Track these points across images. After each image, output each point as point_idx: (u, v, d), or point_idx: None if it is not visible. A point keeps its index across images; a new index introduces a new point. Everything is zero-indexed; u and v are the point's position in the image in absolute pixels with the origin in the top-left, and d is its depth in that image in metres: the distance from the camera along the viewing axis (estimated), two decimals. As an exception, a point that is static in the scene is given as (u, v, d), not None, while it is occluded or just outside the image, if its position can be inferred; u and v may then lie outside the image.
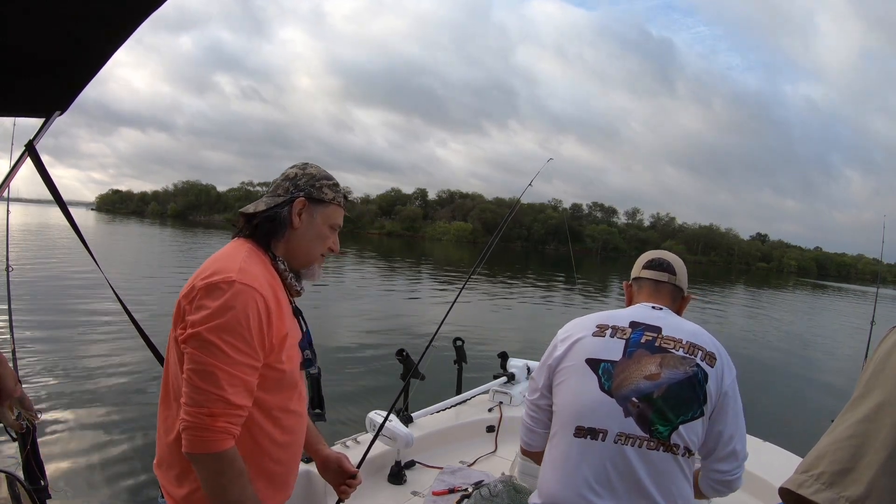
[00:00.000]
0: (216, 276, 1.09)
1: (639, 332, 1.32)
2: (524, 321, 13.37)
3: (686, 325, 1.36)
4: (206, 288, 1.08)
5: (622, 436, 1.23)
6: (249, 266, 1.14)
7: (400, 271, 24.61)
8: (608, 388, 1.26)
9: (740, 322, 17.69)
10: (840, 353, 13.18)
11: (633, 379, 1.25)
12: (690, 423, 1.25)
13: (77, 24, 1.21)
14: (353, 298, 14.19)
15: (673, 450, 1.24)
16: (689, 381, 1.25)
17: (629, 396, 1.24)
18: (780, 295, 35.75)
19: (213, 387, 1.04)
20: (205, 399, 1.04)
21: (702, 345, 1.31)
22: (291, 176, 1.27)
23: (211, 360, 1.04)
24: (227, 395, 1.05)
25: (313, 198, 1.26)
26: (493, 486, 1.87)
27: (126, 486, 3.83)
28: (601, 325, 1.35)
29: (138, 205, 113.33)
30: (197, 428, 1.04)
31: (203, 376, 1.04)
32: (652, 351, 1.28)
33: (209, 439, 1.04)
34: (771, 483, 2.35)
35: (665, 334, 1.31)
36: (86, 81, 1.47)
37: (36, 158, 1.64)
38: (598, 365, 1.29)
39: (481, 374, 3.43)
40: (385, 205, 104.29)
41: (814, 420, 6.84)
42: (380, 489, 2.26)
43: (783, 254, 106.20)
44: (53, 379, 5.89)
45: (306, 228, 1.25)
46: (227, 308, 1.06)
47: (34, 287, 11.18)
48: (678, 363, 1.26)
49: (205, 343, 1.04)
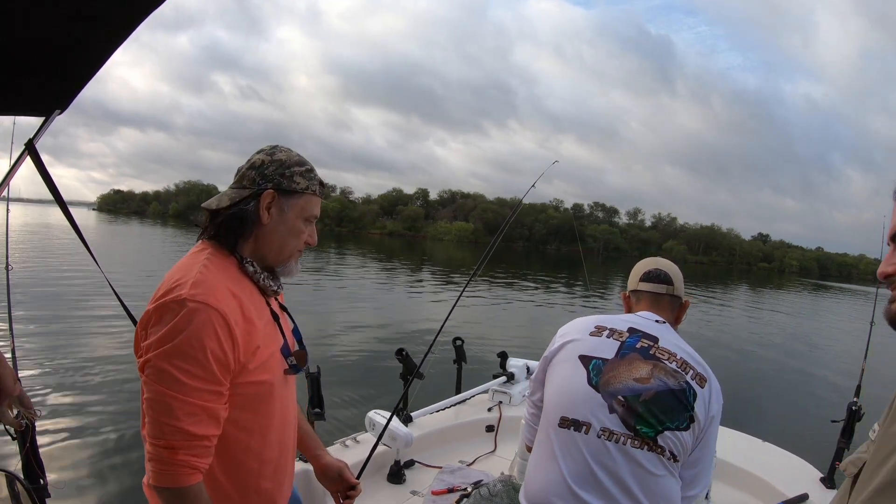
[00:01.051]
0: (167, 295, 0.98)
1: (636, 337, 1.34)
2: (524, 321, 13.37)
3: (683, 344, 1.37)
4: (157, 308, 0.98)
5: (605, 431, 1.23)
6: (206, 277, 1.01)
7: (400, 271, 24.60)
8: (595, 382, 1.28)
9: (741, 322, 17.68)
10: (840, 352, 13.17)
11: (621, 378, 1.27)
12: (677, 431, 1.24)
13: (77, 24, 1.21)
14: (353, 298, 14.19)
15: (659, 451, 1.23)
16: (677, 393, 1.25)
17: (615, 394, 1.25)
18: (781, 295, 35.73)
19: (170, 418, 0.96)
20: (161, 431, 0.96)
21: (694, 365, 1.31)
22: (257, 164, 1.11)
23: (164, 390, 0.95)
24: (185, 426, 0.96)
25: (283, 189, 1.10)
26: (492, 486, 1.87)
27: (126, 486, 3.83)
28: (599, 326, 1.38)
29: (139, 205, 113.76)
30: (158, 461, 0.97)
31: (158, 407, 0.96)
32: (645, 357, 1.29)
33: (171, 473, 0.97)
34: (771, 483, 2.35)
35: (661, 345, 1.32)
36: (86, 80, 1.47)
37: (36, 158, 1.64)
38: (590, 361, 1.32)
39: (481, 373, 3.44)
40: (386, 205, 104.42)
41: (814, 420, 6.84)
42: (379, 488, 2.26)
43: (784, 254, 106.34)
44: (53, 379, 5.89)
45: (277, 224, 1.11)
46: (178, 331, 0.95)
47: (34, 286, 11.20)
48: (669, 374, 1.27)
49: (157, 371, 0.96)
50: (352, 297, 14.54)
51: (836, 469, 2.41)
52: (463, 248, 67.70)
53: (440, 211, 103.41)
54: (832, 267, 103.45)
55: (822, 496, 2.29)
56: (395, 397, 2.52)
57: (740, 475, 2.44)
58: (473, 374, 3.32)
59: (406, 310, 13.30)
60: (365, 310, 12.21)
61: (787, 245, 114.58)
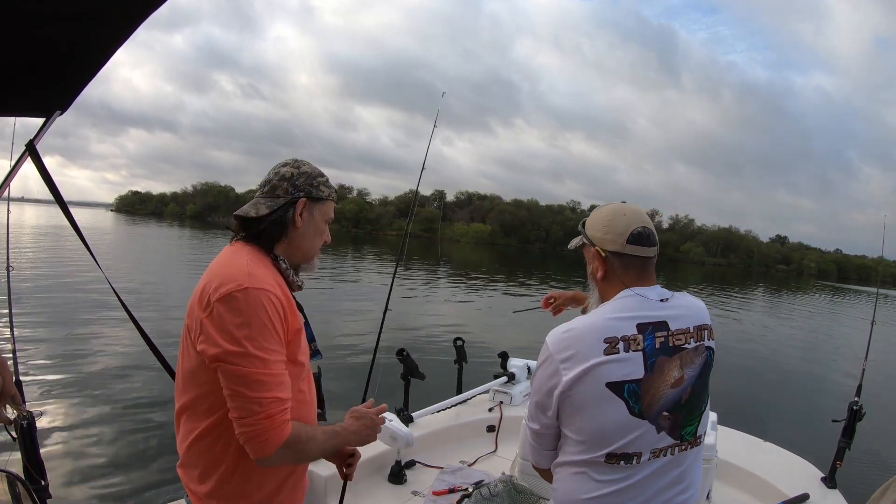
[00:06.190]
0: (227, 285, 1.11)
1: (650, 336, 1.20)
2: (524, 320, 13.35)
3: (684, 306, 1.27)
4: (222, 300, 1.10)
5: (656, 451, 1.19)
6: (255, 269, 1.17)
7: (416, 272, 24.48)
8: (639, 410, 1.17)
9: (751, 324, 17.59)
10: (846, 354, 13.15)
11: (661, 394, 1.18)
12: (706, 409, 1.25)
13: (77, 25, 1.21)
14: (353, 299, 14.19)
15: (699, 442, 1.24)
16: (704, 370, 1.24)
17: (660, 412, 1.18)
18: (797, 298, 35.53)
19: (265, 391, 1.09)
20: (259, 406, 1.09)
21: (703, 322, 1.27)
22: (288, 176, 1.28)
23: (253, 371, 1.08)
24: (277, 394, 1.11)
25: (312, 196, 1.29)
26: (493, 486, 1.87)
27: (126, 487, 3.84)
28: (609, 340, 1.18)
29: (157, 206, 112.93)
30: (260, 434, 1.09)
31: (252, 386, 1.08)
32: (670, 354, 1.20)
33: (275, 437, 1.10)
34: (771, 483, 2.35)
35: (673, 329, 1.22)
36: (86, 81, 1.47)
37: (36, 158, 1.64)
38: (622, 388, 1.16)
39: (481, 373, 3.43)
40: (403, 206, 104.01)
41: (815, 420, 6.84)
42: (380, 489, 2.26)
43: (803, 256, 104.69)
44: (54, 379, 5.89)
45: (307, 227, 1.29)
46: (250, 315, 1.10)
47: (40, 287, 11.19)
48: (694, 357, 1.22)
49: (242, 356, 1.08)
50: (354, 296, 14.53)
51: (837, 469, 2.41)
52: (480, 249, 67.48)
53: (457, 212, 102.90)
54: (851, 269, 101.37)
55: (823, 496, 2.29)
56: (397, 398, 2.53)
57: (741, 475, 2.44)
58: (474, 375, 3.32)
59: (411, 310, 13.29)
60: (365, 310, 12.19)
61: (805, 247, 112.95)
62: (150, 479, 3.95)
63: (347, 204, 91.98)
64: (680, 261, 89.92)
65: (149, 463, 4.20)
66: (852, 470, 2.71)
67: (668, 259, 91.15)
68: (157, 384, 5.75)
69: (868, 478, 4.45)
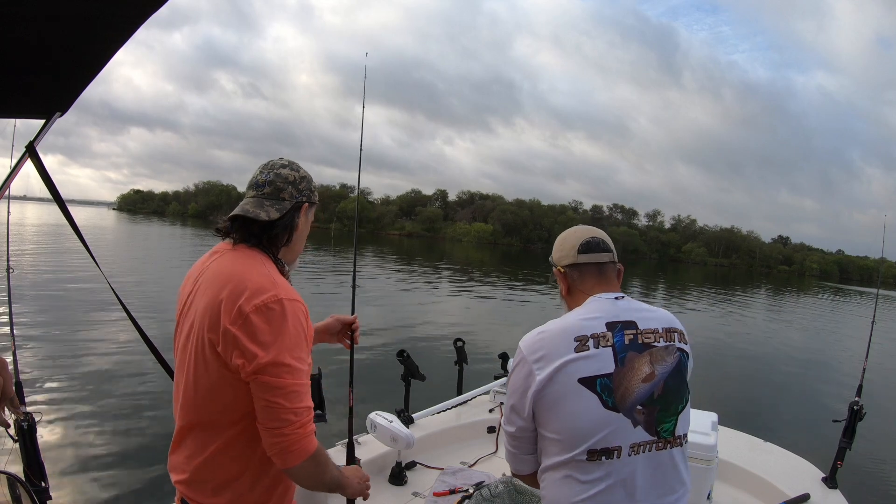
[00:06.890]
0: (261, 296, 1.11)
1: (619, 333, 1.25)
2: (525, 321, 13.36)
3: (651, 311, 1.32)
4: (258, 311, 1.10)
5: (634, 446, 1.20)
6: (277, 277, 1.18)
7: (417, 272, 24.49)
8: (612, 403, 1.20)
9: (752, 325, 17.61)
10: (847, 354, 13.15)
11: (632, 387, 1.21)
12: (685, 410, 1.26)
13: (77, 26, 1.21)
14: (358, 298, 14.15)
15: (679, 442, 1.25)
16: (677, 368, 1.26)
17: (633, 406, 1.21)
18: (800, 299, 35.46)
19: (301, 402, 1.12)
20: (295, 416, 1.11)
21: (673, 326, 1.30)
22: (291, 179, 1.28)
23: (291, 381, 1.10)
24: (309, 403, 1.15)
25: (311, 201, 1.32)
26: (493, 487, 1.87)
27: (126, 488, 3.84)
28: (580, 338, 1.23)
29: (159, 204, 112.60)
30: (293, 443, 1.11)
31: (289, 397, 1.10)
32: (639, 351, 1.24)
33: (305, 446, 1.13)
34: (772, 483, 2.35)
35: (642, 328, 1.27)
36: (86, 83, 1.47)
37: (36, 159, 1.65)
38: (594, 382, 1.20)
39: (482, 373, 3.44)
40: (405, 206, 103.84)
41: (815, 421, 6.84)
42: (381, 490, 2.26)
43: (805, 257, 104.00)
44: (54, 380, 5.90)
45: (303, 230, 1.33)
46: (289, 327, 1.11)
47: (42, 287, 11.19)
48: (665, 355, 1.25)
49: (281, 367, 1.09)
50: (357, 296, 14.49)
51: (838, 469, 2.41)
52: (482, 249, 67.38)
53: (459, 212, 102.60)
54: (853, 270, 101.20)
55: (824, 496, 2.29)
56: (397, 399, 2.53)
57: (742, 475, 2.44)
58: (474, 376, 3.32)
59: (412, 310, 13.29)
60: (368, 309, 12.20)
61: (807, 248, 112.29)
62: (151, 480, 3.95)
63: (349, 203, 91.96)
64: (682, 261, 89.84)
65: (150, 464, 4.20)
66: (853, 470, 2.71)
67: (671, 260, 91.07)
68: (157, 385, 5.75)
69: (869, 478, 4.49)
